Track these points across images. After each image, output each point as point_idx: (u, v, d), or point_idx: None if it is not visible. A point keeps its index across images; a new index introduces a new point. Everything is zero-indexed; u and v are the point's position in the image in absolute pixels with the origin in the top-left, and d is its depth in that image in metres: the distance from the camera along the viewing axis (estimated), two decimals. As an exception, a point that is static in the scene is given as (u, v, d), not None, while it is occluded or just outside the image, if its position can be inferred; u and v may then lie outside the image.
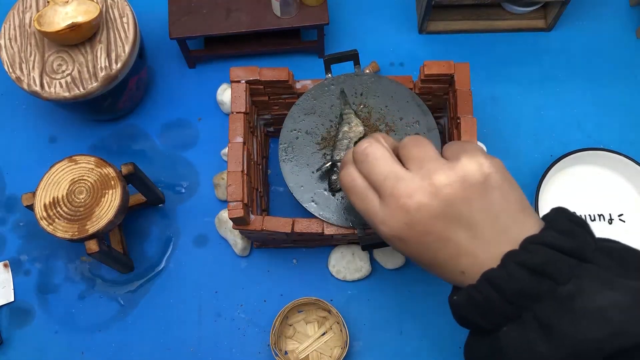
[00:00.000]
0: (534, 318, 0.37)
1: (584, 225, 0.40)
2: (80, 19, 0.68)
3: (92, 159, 0.67)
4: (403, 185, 0.41)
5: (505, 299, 0.38)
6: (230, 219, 0.60)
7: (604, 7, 0.86)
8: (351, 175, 0.46)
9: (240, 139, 0.63)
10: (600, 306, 0.35)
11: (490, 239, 0.40)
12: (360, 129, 0.62)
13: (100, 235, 0.65)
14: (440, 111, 0.73)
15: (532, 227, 0.40)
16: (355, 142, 0.61)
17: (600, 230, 0.76)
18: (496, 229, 0.40)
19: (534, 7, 0.82)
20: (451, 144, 0.44)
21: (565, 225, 0.39)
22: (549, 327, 0.36)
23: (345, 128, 0.62)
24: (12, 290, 0.75)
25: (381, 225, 0.44)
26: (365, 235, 0.61)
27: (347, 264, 0.74)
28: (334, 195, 0.62)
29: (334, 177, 0.62)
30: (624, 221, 0.76)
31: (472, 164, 0.41)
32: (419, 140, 0.44)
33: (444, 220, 0.40)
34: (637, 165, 0.74)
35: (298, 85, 0.68)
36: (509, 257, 0.38)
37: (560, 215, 0.40)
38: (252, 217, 0.62)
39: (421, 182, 0.41)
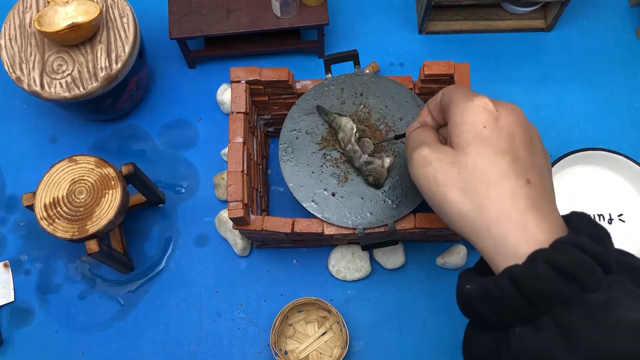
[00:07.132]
0: (554, 323, 0.35)
1: (608, 234, 0.39)
2: (80, 19, 0.68)
3: (92, 159, 0.67)
4: None
5: (526, 298, 0.36)
6: (230, 219, 0.60)
7: (604, 7, 0.86)
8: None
9: (240, 139, 0.63)
10: (636, 321, 0.33)
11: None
12: (350, 124, 0.62)
13: (100, 235, 0.65)
14: (440, 111, 0.73)
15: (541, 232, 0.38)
16: (358, 138, 0.62)
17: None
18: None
19: (534, 7, 0.82)
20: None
21: (594, 231, 0.38)
22: (573, 335, 0.34)
23: (341, 134, 0.62)
24: (12, 290, 0.75)
25: None
26: (365, 235, 0.61)
27: (347, 264, 0.74)
28: (333, 195, 0.62)
29: (370, 179, 0.61)
30: (624, 221, 0.76)
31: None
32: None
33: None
34: (637, 166, 0.74)
35: (298, 85, 0.68)
36: (538, 255, 0.36)
37: (586, 221, 0.39)
38: (252, 217, 0.62)
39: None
